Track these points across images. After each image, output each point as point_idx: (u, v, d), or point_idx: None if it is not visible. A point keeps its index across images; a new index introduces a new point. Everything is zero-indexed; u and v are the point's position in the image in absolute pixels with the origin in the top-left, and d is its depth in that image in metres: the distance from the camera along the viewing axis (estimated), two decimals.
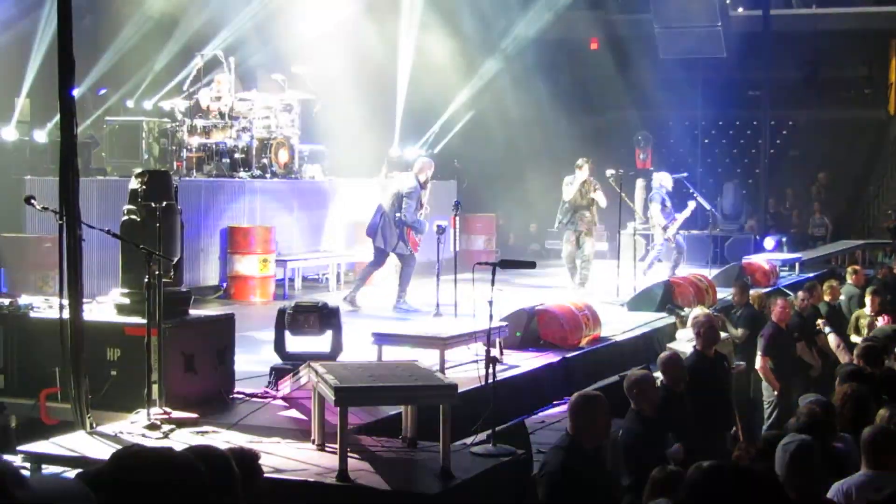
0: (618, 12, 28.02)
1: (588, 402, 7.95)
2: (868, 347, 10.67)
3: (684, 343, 12.78)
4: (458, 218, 14.86)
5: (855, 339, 13.93)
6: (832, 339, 13.53)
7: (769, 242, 23.60)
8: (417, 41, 22.95)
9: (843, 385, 9.08)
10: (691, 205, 18.71)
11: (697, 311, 12.54)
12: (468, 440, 8.20)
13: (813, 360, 13.98)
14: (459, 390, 7.55)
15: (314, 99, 20.08)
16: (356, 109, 22.06)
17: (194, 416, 8.65)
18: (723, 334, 12.56)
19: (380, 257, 15.83)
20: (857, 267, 18.36)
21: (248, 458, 6.01)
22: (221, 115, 18.37)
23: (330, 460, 7.46)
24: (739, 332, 14.04)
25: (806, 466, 6.69)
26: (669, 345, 12.88)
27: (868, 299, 14.85)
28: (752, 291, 15.35)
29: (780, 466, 6.68)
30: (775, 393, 13.04)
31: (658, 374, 9.94)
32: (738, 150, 26.91)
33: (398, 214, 15.31)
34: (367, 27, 22.47)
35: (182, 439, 8.02)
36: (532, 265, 9.88)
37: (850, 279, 17.37)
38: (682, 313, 14.09)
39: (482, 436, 8.17)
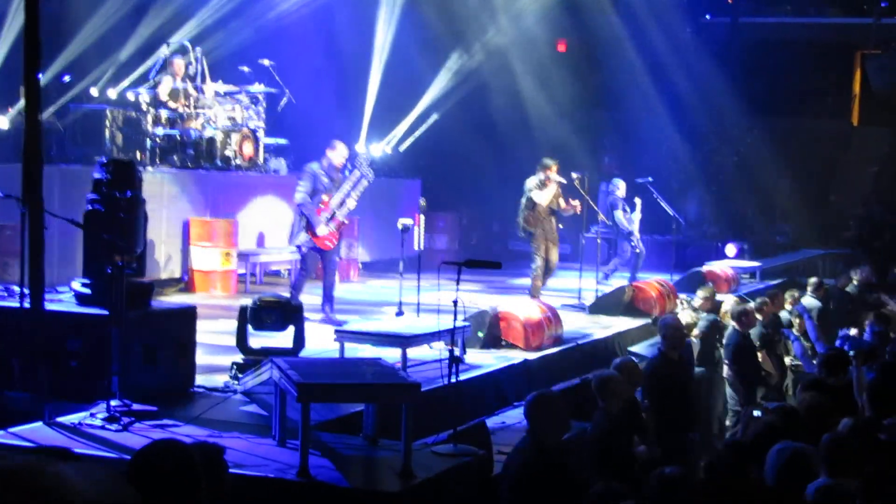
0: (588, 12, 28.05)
1: (545, 400, 7.98)
2: (830, 357, 10.74)
3: (646, 345, 12.88)
4: (422, 216, 14.80)
5: (787, 360, 14.07)
6: (797, 347, 13.66)
7: (731, 249, 23.73)
8: (390, 38, 22.92)
9: (804, 394, 9.16)
10: (638, 202, 18.74)
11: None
12: (429, 439, 8.20)
13: (772, 368, 14.04)
14: (421, 390, 7.55)
15: (281, 92, 20.01)
16: (324, 105, 22.03)
17: (154, 408, 8.60)
18: None
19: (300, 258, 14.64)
20: (817, 279, 18.48)
21: (212, 453, 5.99)
22: (185, 106, 18.26)
23: (291, 457, 7.45)
24: None
25: (801, 473, 6.77)
26: (632, 348, 12.91)
27: (796, 321, 14.95)
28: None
29: (772, 471, 6.75)
30: (741, 401, 13.10)
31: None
32: (703, 156, 27.01)
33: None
34: (340, 20, 22.42)
35: (141, 432, 7.98)
36: (498, 265, 9.89)
37: (809, 291, 17.44)
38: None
39: (443, 435, 8.17)
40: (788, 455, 6.83)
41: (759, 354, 13.58)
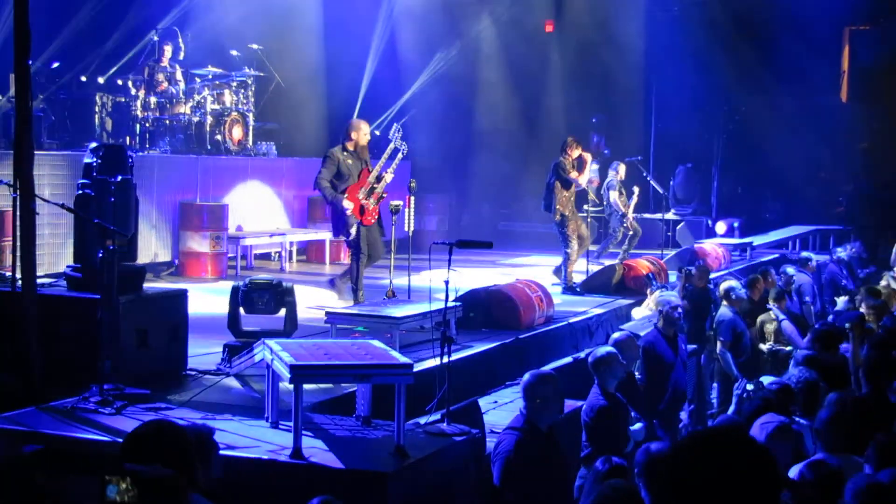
0: None
1: (541, 380, 8.04)
2: (824, 333, 10.78)
3: (640, 322, 12.89)
4: (412, 198, 14.75)
5: (761, 346, 13.56)
6: (786, 326, 13.66)
7: (721, 227, 23.77)
8: (384, 23, 22.92)
9: (796, 370, 9.19)
10: (637, 190, 18.78)
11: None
12: (422, 419, 8.22)
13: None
14: (413, 370, 7.57)
15: (271, 76, 19.99)
16: (316, 88, 22.00)
17: (147, 392, 8.62)
18: None
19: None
20: (808, 254, 18.55)
21: (202, 434, 6.03)
22: (174, 91, 18.27)
23: (284, 438, 7.47)
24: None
25: (783, 447, 6.81)
26: (624, 326, 12.94)
27: (774, 305, 14.03)
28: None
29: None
30: (731, 378, 13.11)
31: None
32: (692, 133, 26.98)
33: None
34: (330, 2, 22.38)
35: (134, 415, 7.99)
36: (489, 245, 9.91)
37: (799, 267, 17.50)
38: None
39: (436, 415, 8.19)
40: (772, 429, 6.88)
41: (750, 331, 13.61)
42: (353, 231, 13.37)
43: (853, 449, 7.21)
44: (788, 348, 13.09)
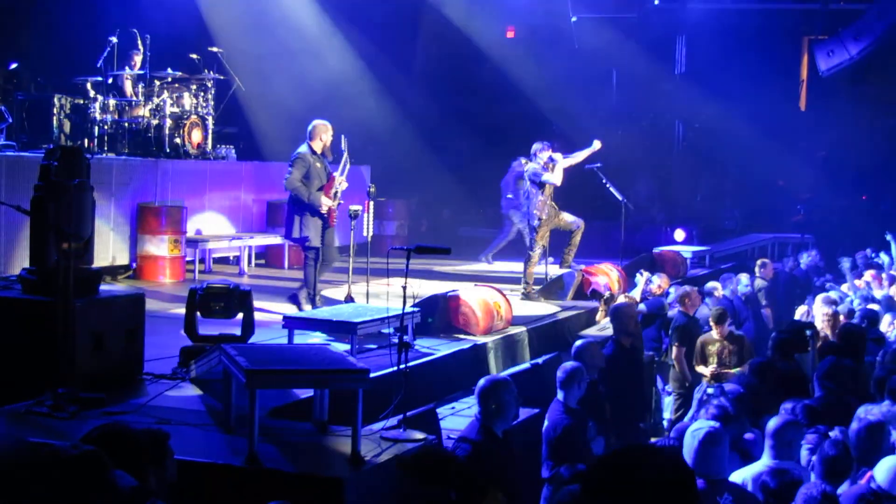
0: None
1: (497, 386, 8.06)
2: (782, 339, 10.86)
3: (598, 330, 12.93)
4: (372, 203, 14.71)
5: (701, 369, 12.80)
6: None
7: (679, 234, 23.87)
8: (343, 27, 22.96)
9: (752, 377, 9.27)
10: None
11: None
12: (379, 425, 8.22)
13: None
14: (371, 375, 7.57)
15: (231, 80, 19.95)
16: (277, 91, 21.96)
17: (102, 396, 8.57)
18: None
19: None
20: (765, 260, 18.65)
21: (158, 438, 6.00)
22: (135, 94, 18.22)
23: (239, 443, 7.44)
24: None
25: (715, 453, 6.86)
26: (586, 331, 12.98)
27: (714, 326, 12.95)
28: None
29: (689, 452, 6.83)
30: (686, 384, 13.07)
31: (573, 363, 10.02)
32: (651, 141, 27.11)
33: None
34: (295, 6, 22.38)
35: (89, 420, 7.94)
36: (447, 251, 9.91)
37: (758, 272, 17.65)
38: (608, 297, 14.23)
39: (393, 421, 8.19)
40: (703, 436, 6.94)
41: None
42: (316, 235, 13.34)
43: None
44: (736, 370, 12.25)
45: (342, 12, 23.10)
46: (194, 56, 19.31)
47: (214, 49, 19.56)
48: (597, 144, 16.27)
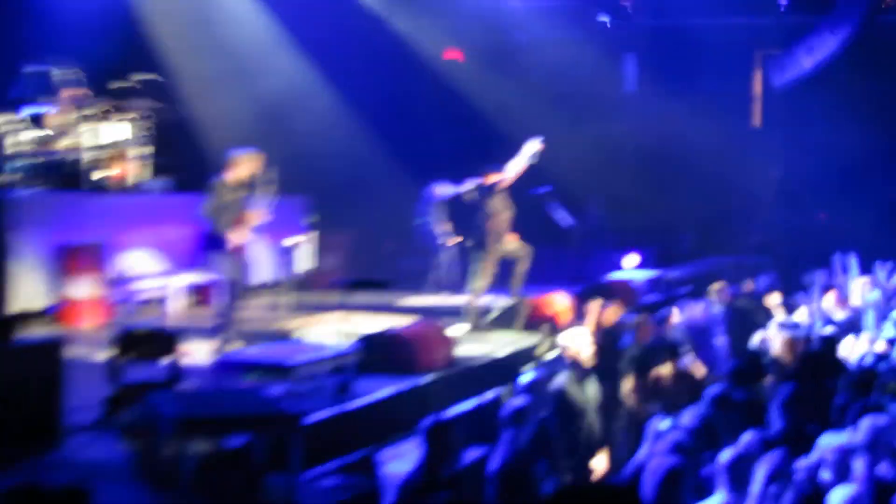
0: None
1: (441, 426, 8.02)
2: (738, 369, 10.89)
3: (547, 365, 12.88)
4: (307, 235, 14.64)
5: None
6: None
7: (632, 259, 23.90)
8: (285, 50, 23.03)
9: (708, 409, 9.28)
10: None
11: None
12: (316, 471, 8.16)
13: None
14: (307, 419, 7.52)
15: (167, 108, 19.74)
16: (214, 119, 21.84)
17: (18, 449, 8.44)
18: None
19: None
20: (722, 284, 18.69)
21: (77, 497, 5.91)
22: (55, 126, 18.01)
23: (167, 496, 7.36)
24: None
25: (675, 489, 6.87)
26: (531, 368, 12.96)
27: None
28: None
29: (649, 489, 6.84)
30: (639, 418, 13.05)
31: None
32: (600, 162, 27.18)
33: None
34: (232, 28, 22.36)
35: (5, 475, 7.82)
36: (385, 285, 9.89)
37: (714, 297, 17.66)
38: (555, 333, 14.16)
39: (331, 467, 8.14)
40: (663, 472, 6.95)
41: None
42: (231, 268, 13.29)
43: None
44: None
45: (294, 28, 23.16)
46: (123, 83, 19.12)
47: (149, 76, 19.36)
48: (531, 147, 16.07)
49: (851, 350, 13.23)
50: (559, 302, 16.11)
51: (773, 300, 17.33)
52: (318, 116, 23.97)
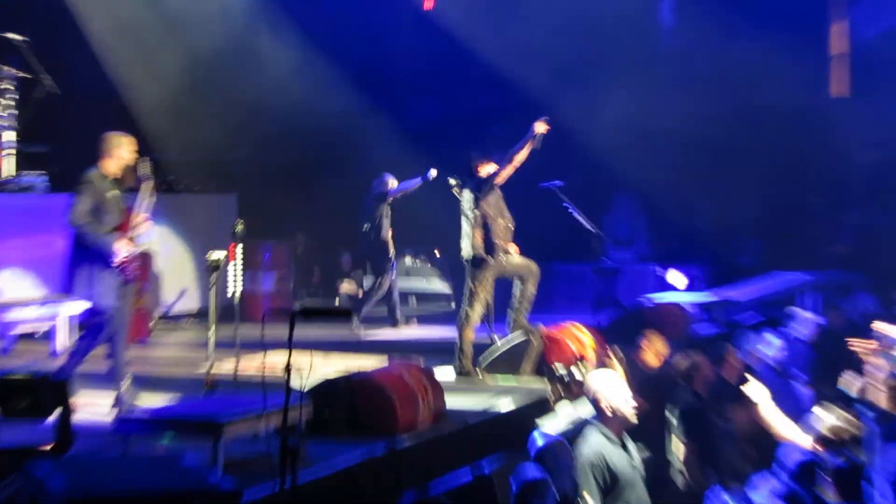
0: None
1: None
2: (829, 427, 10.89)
3: (566, 420, 12.84)
4: (239, 247, 14.55)
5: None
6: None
7: (677, 277, 23.87)
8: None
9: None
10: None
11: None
12: None
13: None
14: (248, 497, 7.44)
15: (38, 80, 19.67)
16: (102, 99, 21.85)
17: None
18: None
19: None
20: (799, 309, 18.68)
21: None
22: None
23: None
24: None
25: None
26: (546, 425, 12.92)
27: None
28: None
29: None
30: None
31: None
32: (634, 154, 27.15)
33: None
34: None
35: None
36: (346, 314, 9.82)
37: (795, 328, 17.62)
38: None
39: None
40: None
41: None
42: (110, 292, 13.17)
43: None
44: None
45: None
46: None
47: (14, 37, 19.27)
48: (538, 128, 16.00)
49: None
50: (582, 335, 16.02)
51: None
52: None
